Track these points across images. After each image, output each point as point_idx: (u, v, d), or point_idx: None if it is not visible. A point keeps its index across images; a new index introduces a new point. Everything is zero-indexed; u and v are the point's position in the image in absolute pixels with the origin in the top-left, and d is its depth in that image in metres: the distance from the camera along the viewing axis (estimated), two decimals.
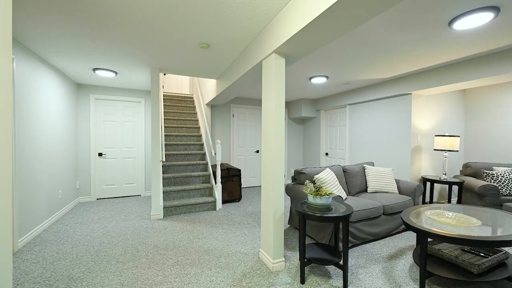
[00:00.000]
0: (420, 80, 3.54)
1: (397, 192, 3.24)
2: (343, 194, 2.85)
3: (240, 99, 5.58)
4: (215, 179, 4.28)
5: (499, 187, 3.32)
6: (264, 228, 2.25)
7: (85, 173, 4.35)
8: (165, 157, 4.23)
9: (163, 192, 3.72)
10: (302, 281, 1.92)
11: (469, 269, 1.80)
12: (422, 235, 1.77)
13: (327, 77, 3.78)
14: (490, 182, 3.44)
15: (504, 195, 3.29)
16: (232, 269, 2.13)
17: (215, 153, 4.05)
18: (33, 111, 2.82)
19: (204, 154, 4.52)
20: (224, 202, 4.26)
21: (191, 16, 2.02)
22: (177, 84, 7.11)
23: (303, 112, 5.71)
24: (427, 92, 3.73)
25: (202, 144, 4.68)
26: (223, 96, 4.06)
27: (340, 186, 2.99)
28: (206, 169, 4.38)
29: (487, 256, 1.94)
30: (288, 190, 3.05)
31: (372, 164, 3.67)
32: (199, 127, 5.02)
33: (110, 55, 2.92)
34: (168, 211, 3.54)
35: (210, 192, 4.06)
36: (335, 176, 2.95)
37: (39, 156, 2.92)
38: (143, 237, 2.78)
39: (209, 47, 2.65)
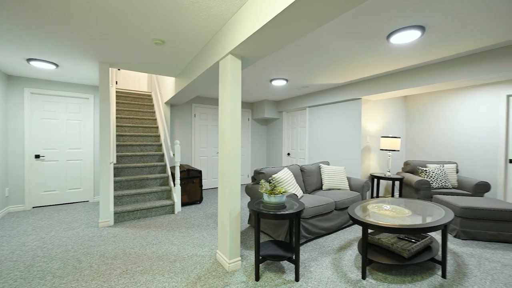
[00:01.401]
0: (368, 86, 3.91)
1: (349, 188, 3.51)
2: (300, 192, 2.98)
3: (202, 99, 5.45)
4: (174, 181, 4.10)
5: (431, 182, 3.83)
6: (221, 229, 2.23)
7: (16, 179, 3.78)
8: (118, 158, 3.92)
9: (115, 196, 3.43)
10: (257, 278, 1.95)
11: (401, 254, 2.04)
12: (363, 227, 1.95)
13: (287, 80, 3.92)
14: (424, 177, 3.94)
15: (434, 188, 3.80)
16: (186, 273, 2.06)
17: (173, 154, 3.88)
18: None
19: (163, 155, 4.30)
20: (184, 204, 4.11)
21: (143, 9, 1.91)
22: (134, 80, 6.65)
23: (266, 113, 5.83)
24: (375, 98, 4.13)
25: (161, 145, 4.45)
26: (182, 95, 3.92)
27: (297, 184, 3.12)
28: (164, 171, 4.17)
29: (416, 241, 2.22)
30: (247, 190, 3.07)
31: (327, 163, 3.91)
32: (157, 127, 4.76)
33: (48, 45, 2.59)
34: (120, 217, 3.28)
35: (168, 195, 3.88)
36: (292, 175, 3.07)
37: None
38: (88, 247, 2.52)
39: (164, 43, 2.53)
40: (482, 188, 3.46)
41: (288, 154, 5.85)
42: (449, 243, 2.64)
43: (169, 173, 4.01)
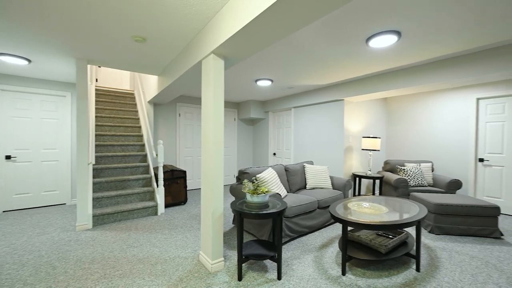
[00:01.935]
0: (350, 88, 4.02)
1: (331, 187, 3.59)
2: (284, 192, 3.01)
3: (186, 98, 5.37)
4: (157, 182, 4.01)
5: (408, 180, 4.00)
6: (204, 229, 2.21)
7: None
8: (97, 159, 3.77)
9: (94, 198, 3.30)
10: (240, 278, 1.95)
11: (379, 250, 2.12)
12: (343, 224, 2.01)
13: (271, 80, 3.95)
14: (402, 176, 4.12)
15: (412, 186, 3.98)
16: (168, 275, 2.02)
17: (156, 154, 3.80)
18: None
19: (145, 155, 4.19)
20: (167, 206, 4.03)
21: (122, 5, 1.85)
22: (116, 78, 6.43)
23: (252, 114, 5.84)
24: (356, 99, 4.25)
25: (143, 145, 4.33)
26: (166, 94, 3.84)
27: (281, 184, 3.16)
28: (147, 172, 4.06)
29: (393, 237, 2.31)
30: (232, 190, 3.07)
31: (311, 163, 3.98)
32: (140, 126, 4.63)
33: (19, 39, 2.44)
34: (99, 220, 3.16)
35: (151, 196, 3.79)
36: (276, 175, 3.10)
37: None
38: (63, 252, 2.40)
39: (145, 41, 2.47)
40: (454, 186, 3.67)
41: (274, 154, 5.89)
42: (423, 238, 2.78)
43: (152, 174, 3.92)
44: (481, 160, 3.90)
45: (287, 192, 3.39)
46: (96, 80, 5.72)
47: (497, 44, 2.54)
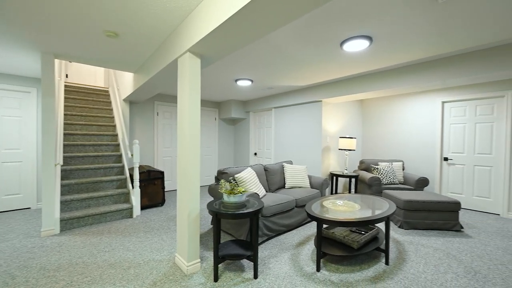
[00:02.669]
0: (327, 90, 4.15)
1: (309, 186, 3.68)
2: (262, 191, 3.03)
3: (165, 96, 5.22)
4: (132, 183, 3.86)
5: (381, 178, 4.21)
6: (180, 231, 2.17)
7: None
8: (67, 159, 3.55)
9: (62, 201, 3.11)
10: (216, 279, 1.94)
11: (351, 245, 2.21)
12: (317, 222, 2.07)
13: (251, 80, 3.96)
14: (376, 174, 4.32)
15: (384, 184, 4.19)
16: (141, 279, 1.96)
17: (132, 154, 3.65)
18: None
19: (120, 155, 4.02)
20: (144, 207, 3.90)
21: None
22: (89, 74, 6.08)
23: (233, 113, 5.82)
24: (334, 101, 4.39)
25: (118, 145, 4.15)
26: (142, 92, 3.71)
27: (260, 184, 3.18)
28: (122, 173, 3.90)
29: (365, 233, 2.42)
30: (210, 190, 3.03)
31: (290, 162, 4.05)
32: (115, 125, 4.43)
33: None
34: (68, 225, 2.98)
35: (126, 198, 3.64)
36: (255, 175, 3.11)
37: None
38: (25, 260, 2.24)
39: (117, 36, 2.37)
40: (422, 183, 3.92)
41: (255, 154, 5.92)
42: (393, 233, 2.94)
43: (128, 175, 3.76)
44: (446, 159, 4.20)
45: (266, 191, 3.42)
46: (66, 76, 5.38)
47: (459, 51, 2.75)
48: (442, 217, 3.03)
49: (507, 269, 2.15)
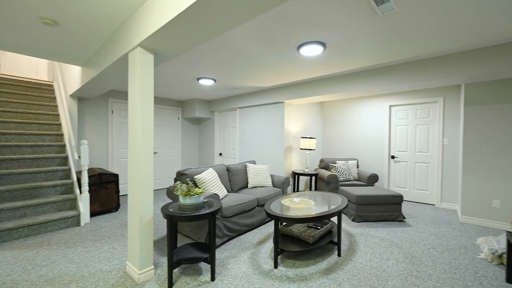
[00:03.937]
0: (289, 91, 4.29)
1: (272, 185, 3.76)
2: (224, 192, 3.00)
3: (120, 93, 4.85)
4: (80, 187, 3.50)
5: (338, 176, 4.50)
6: (131, 237, 2.02)
7: None
8: None
9: None
10: (170, 285, 1.86)
11: (307, 240, 2.31)
12: (275, 220, 2.12)
13: (214, 80, 3.90)
14: (334, 172, 4.60)
15: (341, 181, 4.48)
16: None
17: (79, 156, 3.31)
18: None
19: (66, 157, 3.61)
20: (95, 214, 3.56)
21: None
22: (30, 66, 5.37)
23: (197, 113, 5.66)
24: (295, 102, 4.56)
25: (64, 146, 3.73)
26: (92, 87, 3.39)
27: (222, 184, 3.14)
28: (68, 176, 3.50)
29: (321, 228, 2.56)
30: (168, 192, 2.90)
31: (254, 162, 4.09)
32: (60, 124, 3.97)
33: None
34: None
35: (72, 204, 3.28)
36: (217, 175, 3.07)
37: None
38: None
39: (56, 24, 2.12)
40: (373, 179, 4.29)
41: (220, 154, 5.85)
42: (346, 226, 3.16)
43: (75, 179, 3.40)
44: (393, 157, 4.67)
45: (229, 192, 3.40)
46: None
47: (401, 61, 3.07)
48: (388, 209, 3.35)
49: (437, 252, 2.47)
